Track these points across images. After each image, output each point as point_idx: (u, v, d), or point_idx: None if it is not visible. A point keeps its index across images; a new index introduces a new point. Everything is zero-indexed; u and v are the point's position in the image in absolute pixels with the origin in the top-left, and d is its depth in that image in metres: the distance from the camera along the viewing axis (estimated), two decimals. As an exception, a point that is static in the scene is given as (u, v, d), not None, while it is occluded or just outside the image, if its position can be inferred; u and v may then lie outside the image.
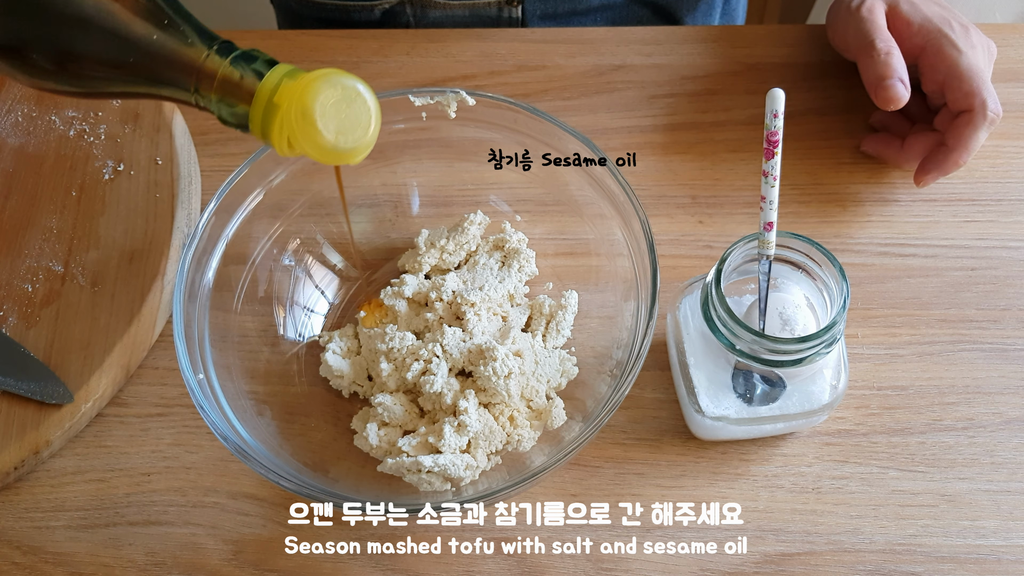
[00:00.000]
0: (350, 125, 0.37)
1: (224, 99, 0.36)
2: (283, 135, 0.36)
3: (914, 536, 0.47)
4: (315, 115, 0.35)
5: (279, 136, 0.36)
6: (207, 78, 0.36)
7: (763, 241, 0.43)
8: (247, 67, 0.36)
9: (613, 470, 0.49)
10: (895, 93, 0.53)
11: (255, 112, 0.36)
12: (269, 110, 0.35)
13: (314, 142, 0.36)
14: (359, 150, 0.38)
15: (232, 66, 0.36)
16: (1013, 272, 0.55)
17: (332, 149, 0.37)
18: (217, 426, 0.42)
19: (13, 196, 0.57)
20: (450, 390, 0.48)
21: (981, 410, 0.50)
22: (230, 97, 0.36)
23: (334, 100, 0.36)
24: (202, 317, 0.47)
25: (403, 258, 0.55)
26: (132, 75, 0.36)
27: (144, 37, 0.35)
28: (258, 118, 0.36)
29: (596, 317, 0.52)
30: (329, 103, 0.36)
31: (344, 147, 0.37)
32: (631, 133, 0.61)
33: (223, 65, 0.36)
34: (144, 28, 0.35)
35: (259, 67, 0.36)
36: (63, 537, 0.48)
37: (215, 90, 0.36)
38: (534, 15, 0.71)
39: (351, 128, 0.37)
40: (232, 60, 0.36)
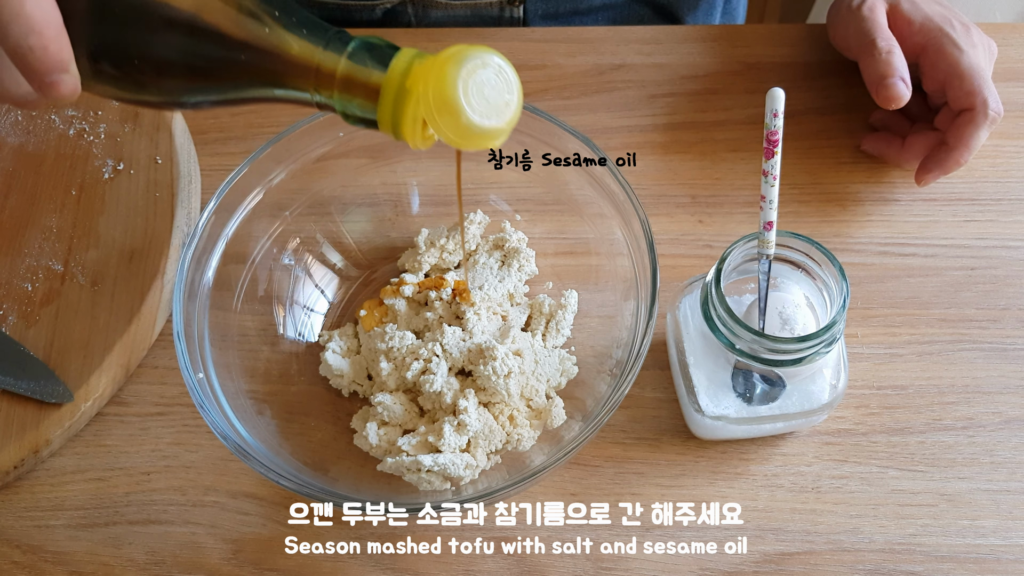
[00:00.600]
0: (493, 102, 0.34)
1: (348, 95, 0.33)
2: (417, 123, 0.33)
3: (913, 535, 0.47)
4: (458, 94, 0.32)
5: (412, 126, 0.33)
6: (326, 76, 0.33)
7: (763, 240, 0.43)
8: (368, 56, 0.33)
9: (613, 470, 0.49)
10: (896, 92, 0.53)
11: (384, 103, 0.33)
12: (400, 98, 0.33)
13: (457, 125, 0.33)
14: (503, 130, 0.34)
15: (352, 59, 0.33)
16: (1013, 271, 0.55)
17: (477, 131, 0.33)
18: (217, 425, 0.42)
19: (13, 195, 0.57)
20: (450, 389, 0.48)
21: (981, 410, 0.50)
22: (354, 91, 0.33)
23: (474, 77, 0.33)
24: (202, 316, 0.47)
25: (403, 257, 0.55)
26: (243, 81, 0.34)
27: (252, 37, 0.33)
28: (388, 109, 0.33)
29: (596, 316, 0.52)
30: (470, 80, 0.33)
31: (489, 127, 0.34)
32: (631, 133, 0.61)
33: (342, 58, 0.33)
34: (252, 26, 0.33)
35: (382, 54, 0.33)
36: (63, 536, 0.48)
37: (337, 87, 0.33)
38: (535, 15, 0.71)
39: (495, 106, 0.34)
40: (351, 52, 0.33)
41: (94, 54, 0.33)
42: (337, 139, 0.51)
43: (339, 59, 0.33)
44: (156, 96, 0.35)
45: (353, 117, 0.34)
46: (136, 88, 0.35)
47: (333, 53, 0.33)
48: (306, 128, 0.49)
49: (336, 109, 0.34)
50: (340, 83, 0.33)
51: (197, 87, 0.34)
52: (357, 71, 0.33)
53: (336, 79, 0.33)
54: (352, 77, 0.33)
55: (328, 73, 0.33)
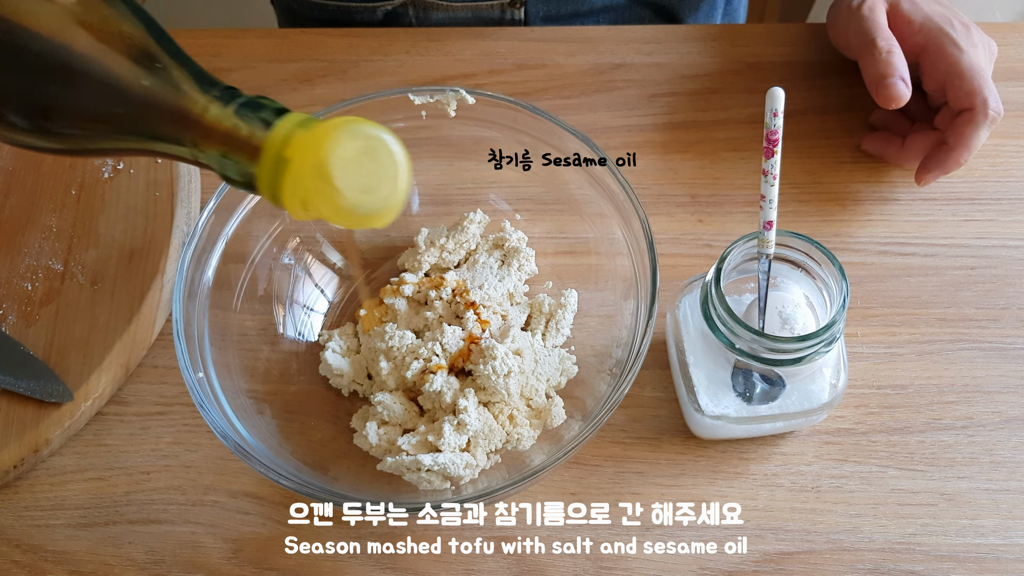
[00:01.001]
0: (375, 182, 0.31)
1: (227, 155, 0.31)
2: (296, 195, 0.31)
3: (913, 535, 0.47)
4: (332, 170, 0.30)
5: (291, 196, 0.31)
6: (205, 131, 0.31)
7: (763, 240, 0.43)
8: (253, 116, 0.31)
9: (613, 469, 0.49)
10: (896, 92, 0.53)
11: (263, 169, 0.31)
12: (279, 166, 0.30)
13: (332, 203, 0.31)
14: (385, 212, 0.32)
15: (235, 116, 0.31)
16: (1013, 271, 0.55)
17: (353, 211, 0.31)
18: (217, 425, 0.42)
19: (13, 195, 0.57)
20: (450, 389, 0.48)
21: (980, 409, 0.50)
22: (234, 152, 0.31)
23: (355, 152, 0.31)
24: (202, 316, 0.47)
25: (403, 257, 0.55)
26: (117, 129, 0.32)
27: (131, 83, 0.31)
28: (267, 175, 0.31)
29: (596, 316, 0.52)
30: (349, 156, 0.30)
31: (368, 208, 0.31)
32: (631, 132, 0.61)
33: (225, 115, 0.31)
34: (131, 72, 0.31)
35: (267, 116, 0.31)
36: (63, 535, 0.48)
37: (216, 145, 0.31)
38: (536, 17, 0.71)
39: (376, 185, 0.31)
40: (236, 109, 0.31)
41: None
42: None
43: (222, 113, 0.31)
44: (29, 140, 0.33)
45: (233, 180, 0.32)
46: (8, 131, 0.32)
47: (215, 110, 0.31)
48: (306, 127, 0.49)
49: (214, 168, 0.32)
50: (220, 139, 0.31)
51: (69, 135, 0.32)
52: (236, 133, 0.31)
53: (216, 136, 0.31)
54: (230, 139, 0.31)
55: (208, 127, 0.31)
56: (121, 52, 0.31)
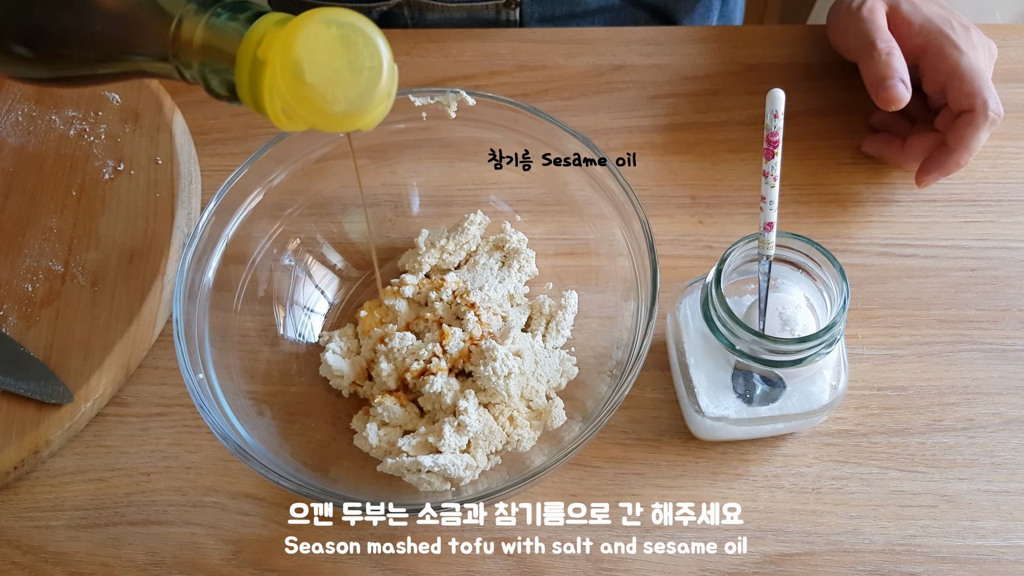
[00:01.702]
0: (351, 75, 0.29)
1: (207, 64, 0.29)
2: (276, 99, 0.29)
3: (914, 536, 0.47)
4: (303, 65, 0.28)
5: (272, 102, 0.29)
6: (185, 41, 0.29)
7: (763, 241, 0.43)
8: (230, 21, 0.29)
9: (613, 470, 0.49)
10: (896, 93, 0.53)
11: (240, 74, 0.29)
12: (256, 68, 0.28)
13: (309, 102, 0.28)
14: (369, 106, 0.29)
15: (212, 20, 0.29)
16: (1013, 272, 0.55)
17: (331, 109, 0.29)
18: (217, 426, 0.42)
19: (13, 196, 0.57)
20: (450, 390, 0.48)
21: (981, 410, 0.50)
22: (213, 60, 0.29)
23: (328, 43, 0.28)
24: (202, 317, 0.47)
25: (403, 258, 0.55)
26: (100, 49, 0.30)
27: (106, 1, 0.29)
28: (245, 81, 0.29)
29: (596, 317, 0.52)
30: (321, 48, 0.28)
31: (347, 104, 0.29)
32: (631, 133, 0.61)
33: (201, 23, 0.29)
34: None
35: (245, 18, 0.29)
36: (63, 537, 0.48)
37: (195, 53, 0.29)
38: (532, 17, 0.71)
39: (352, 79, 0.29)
40: (213, 13, 0.29)
41: None
42: (338, 139, 0.51)
43: (199, 21, 0.29)
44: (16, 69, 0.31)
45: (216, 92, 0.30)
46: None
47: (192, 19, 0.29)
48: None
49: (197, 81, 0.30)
50: (198, 51, 0.29)
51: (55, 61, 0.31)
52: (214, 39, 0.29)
53: (193, 48, 0.29)
54: (209, 45, 0.29)
55: (186, 39, 0.29)
56: None
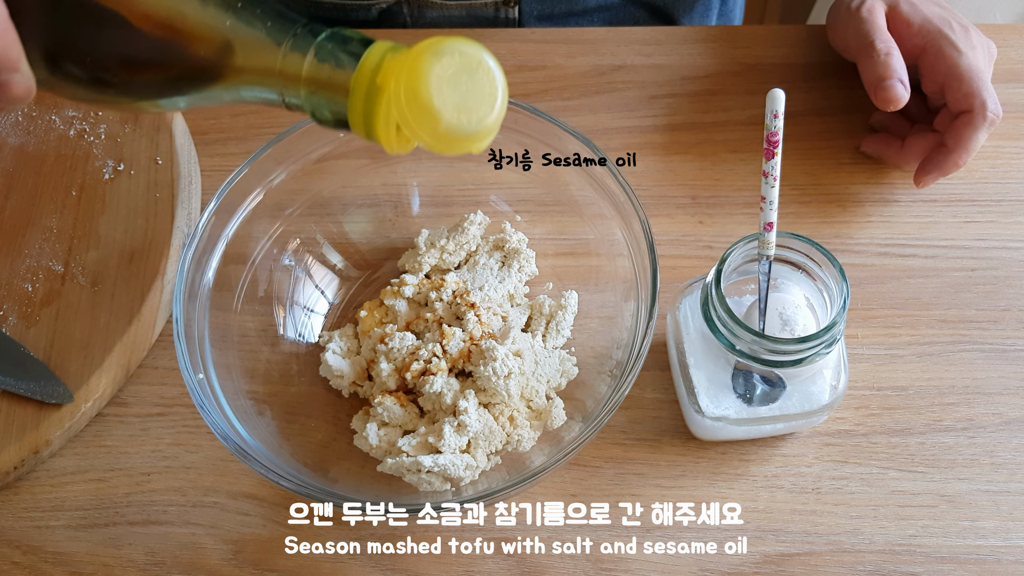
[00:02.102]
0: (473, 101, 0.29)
1: (316, 93, 0.30)
2: (391, 124, 0.29)
3: (914, 536, 0.47)
4: (430, 91, 0.28)
5: (386, 126, 0.30)
6: (292, 74, 0.30)
7: (763, 241, 0.43)
8: (339, 50, 0.29)
9: (613, 470, 0.49)
10: (895, 94, 0.53)
11: (355, 101, 0.29)
12: (371, 95, 0.29)
13: (430, 126, 0.29)
14: (485, 132, 0.30)
15: (319, 52, 0.29)
16: (1013, 272, 0.55)
17: (452, 132, 0.29)
18: (217, 426, 0.42)
19: (13, 196, 0.57)
20: (450, 390, 0.48)
21: (981, 411, 0.50)
22: (323, 90, 0.30)
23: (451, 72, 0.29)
24: (202, 317, 0.47)
25: (403, 258, 0.55)
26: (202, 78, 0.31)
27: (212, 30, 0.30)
28: (359, 108, 0.29)
29: (596, 317, 0.52)
30: (445, 76, 0.29)
31: (467, 129, 0.30)
32: (631, 133, 0.61)
33: (309, 52, 0.29)
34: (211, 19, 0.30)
35: (354, 48, 0.29)
36: (63, 537, 0.48)
37: (304, 84, 0.30)
38: (531, 16, 0.71)
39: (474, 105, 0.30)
40: (319, 44, 0.30)
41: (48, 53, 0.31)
42: (338, 140, 0.51)
43: (305, 55, 0.30)
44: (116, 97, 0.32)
45: (324, 119, 0.31)
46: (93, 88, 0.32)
47: (299, 49, 0.30)
48: (306, 128, 0.49)
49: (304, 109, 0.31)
50: (307, 82, 0.30)
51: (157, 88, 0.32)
52: (324, 68, 0.30)
53: (302, 77, 0.30)
54: (319, 75, 0.30)
55: (294, 72, 0.30)
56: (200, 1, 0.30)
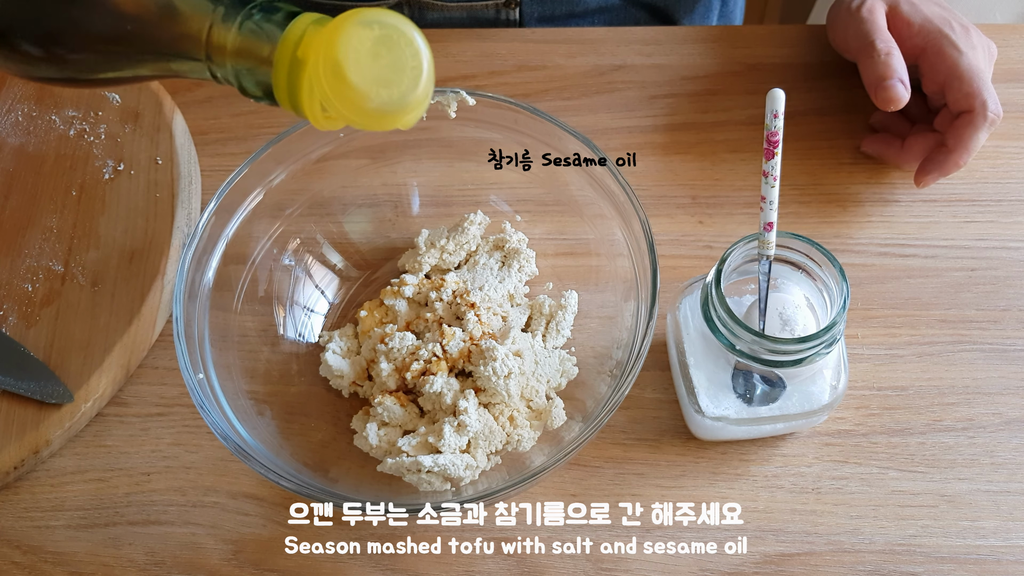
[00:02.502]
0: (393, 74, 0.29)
1: (242, 64, 0.29)
2: (315, 99, 0.29)
3: (914, 536, 0.47)
4: (346, 64, 0.28)
5: (310, 101, 0.29)
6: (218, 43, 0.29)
7: (763, 241, 0.43)
8: (264, 21, 0.29)
9: (613, 470, 0.49)
10: (895, 94, 0.53)
11: (278, 75, 0.29)
12: (294, 68, 0.29)
13: (349, 99, 0.29)
14: (409, 106, 0.30)
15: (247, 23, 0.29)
16: (1013, 272, 0.55)
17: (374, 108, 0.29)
18: (217, 426, 0.42)
19: (13, 196, 0.57)
20: (450, 390, 0.48)
21: (981, 410, 0.50)
22: (248, 61, 0.29)
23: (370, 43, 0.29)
24: (202, 317, 0.47)
25: (403, 258, 0.55)
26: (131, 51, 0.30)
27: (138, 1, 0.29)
28: (283, 81, 0.29)
29: (596, 317, 0.52)
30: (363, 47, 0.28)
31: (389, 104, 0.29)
32: (631, 133, 0.61)
33: (235, 22, 0.29)
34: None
35: (279, 19, 0.29)
36: (63, 537, 0.48)
37: (230, 56, 0.29)
38: (531, 17, 0.71)
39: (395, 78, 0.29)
40: (246, 15, 0.29)
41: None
42: (337, 140, 0.51)
43: (231, 26, 0.29)
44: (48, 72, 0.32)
45: (252, 93, 0.30)
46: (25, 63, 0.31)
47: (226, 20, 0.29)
48: (306, 128, 0.49)
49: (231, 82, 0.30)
50: (232, 53, 0.29)
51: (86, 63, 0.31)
52: (249, 40, 0.29)
53: (227, 48, 0.29)
54: (244, 46, 0.29)
55: (219, 42, 0.29)
56: None
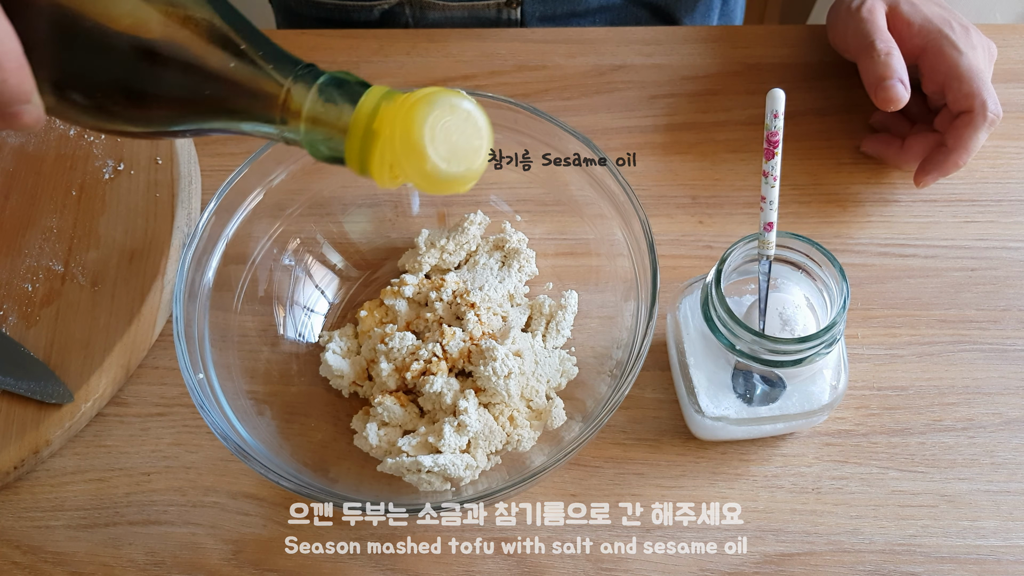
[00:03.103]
0: (461, 149, 0.33)
1: (315, 131, 0.33)
2: (384, 164, 0.32)
3: (914, 536, 0.47)
4: (424, 140, 0.32)
5: (380, 166, 0.33)
6: (294, 110, 0.32)
7: (763, 241, 0.43)
8: (337, 93, 0.32)
9: (613, 470, 0.49)
10: (895, 94, 0.53)
11: (352, 143, 0.32)
12: (367, 139, 0.32)
13: (422, 171, 0.32)
14: (471, 176, 0.34)
15: (320, 94, 0.32)
16: (1013, 272, 0.55)
17: (442, 177, 0.33)
18: (217, 426, 0.42)
19: (13, 196, 0.57)
20: (450, 390, 0.48)
21: (981, 410, 0.50)
22: (322, 129, 0.32)
23: (443, 122, 0.32)
24: (202, 317, 0.47)
25: (403, 258, 0.55)
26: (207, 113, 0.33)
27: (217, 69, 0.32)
28: (355, 149, 0.32)
29: (596, 317, 0.52)
30: (437, 125, 0.32)
31: (456, 174, 0.33)
32: (631, 133, 0.61)
33: (310, 93, 0.32)
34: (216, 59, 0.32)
35: (352, 92, 0.32)
36: (63, 537, 0.48)
37: (304, 122, 0.32)
38: (533, 17, 0.71)
39: (462, 153, 0.33)
40: (320, 87, 0.32)
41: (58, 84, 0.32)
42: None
43: (306, 95, 0.32)
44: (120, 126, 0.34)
45: (320, 155, 0.33)
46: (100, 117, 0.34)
47: (301, 89, 0.32)
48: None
49: (302, 144, 0.33)
50: (307, 120, 0.32)
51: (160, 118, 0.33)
52: (324, 109, 0.32)
53: (303, 116, 0.32)
54: (318, 115, 0.32)
55: (295, 109, 0.32)
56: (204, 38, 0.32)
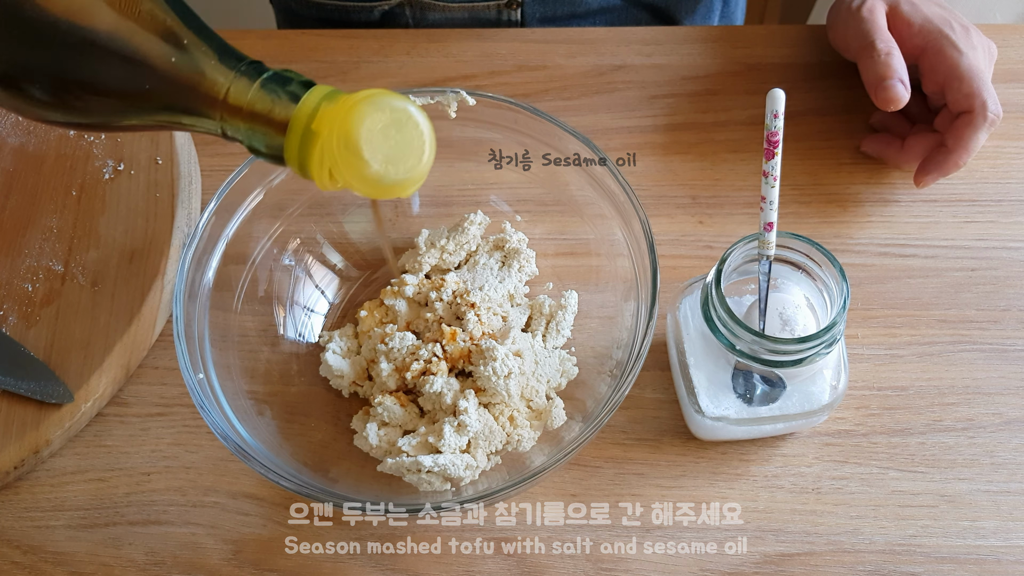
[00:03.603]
0: (400, 153, 0.32)
1: (255, 128, 0.32)
2: (324, 167, 0.32)
3: (914, 536, 0.47)
4: (360, 143, 0.31)
5: (319, 168, 0.32)
6: (233, 107, 0.32)
7: (763, 241, 0.43)
8: (280, 91, 0.32)
9: (613, 470, 0.49)
10: (895, 94, 0.53)
11: (291, 142, 0.32)
12: (307, 139, 0.31)
13: (359, 173, 0.32)
14: (411, 181, 0.33)
15: (262, 90, 0.31)
16: (1013, 272, 0.55)
17: (380, 181, 0.32)
18: (217, 426, 0.42)
19: (13, 196, 0.57)
20: (450, 390, 0.48)
21: (981, 411, 0.50)
22: (261, 126, 0.32)
23: (382, 125, 0.32)
24: (202, 317, 0.47)
25: (403, 258, 0.55)
26: (147, 105, 0.32)
27: (158, 61, 0.31)
28: (294, 149, 0.32)
29: (596, 317, 0.52)
30: (376, 128, 0.32)
31: (394, 178, 0.32)
32: (631, 133, 0.61)
33: (252, 89, 0.31)
34: (158, 50, 0.31)
35: (294, 90, 0.32)
36: (63, 536, 0.48)
37: (244, 119, 0.32)
38: (533, 18, 0.71)
39: (402, 156, 0.32)
40: (262, 83, 0.32)
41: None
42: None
43: (248, 91, 0.32)
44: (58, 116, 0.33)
45: (260, 152, 0.33)
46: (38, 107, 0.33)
47: (243, 84, 0.32)
48: (306, 129, 0.49)
49: (242, 142, 0.33)
50: (247, 116, 0.32)
51: (100, 110, 0.33)
52: (265, 106, 0.31)
53: (243, 111, 0.32)
54: (259, 112, 0.31)
55: (236, 105, 0.32)
56: (148, 29, 0.31)
